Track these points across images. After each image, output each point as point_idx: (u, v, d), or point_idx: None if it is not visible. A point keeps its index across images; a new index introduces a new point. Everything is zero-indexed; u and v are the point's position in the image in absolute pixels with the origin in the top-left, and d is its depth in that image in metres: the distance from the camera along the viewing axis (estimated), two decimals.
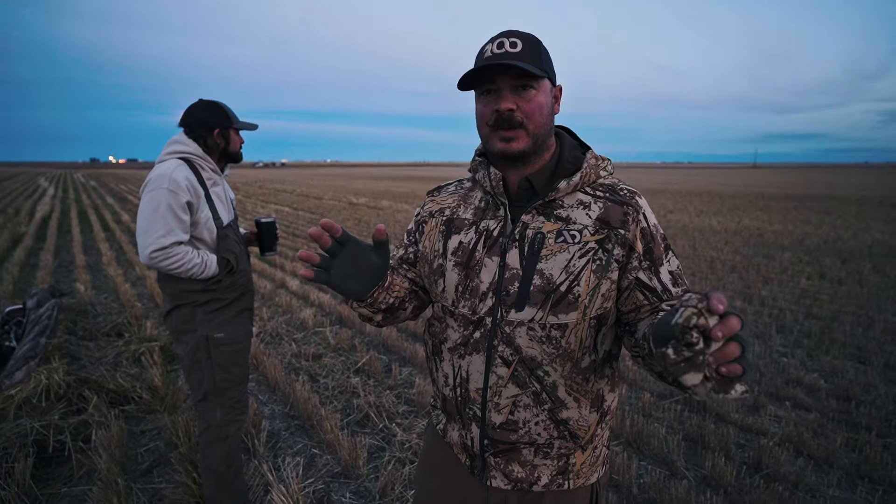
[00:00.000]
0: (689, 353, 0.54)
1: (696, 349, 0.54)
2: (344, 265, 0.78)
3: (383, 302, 0.89)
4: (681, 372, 0.56)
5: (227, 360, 1.74)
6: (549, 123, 0.84)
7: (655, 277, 0.83)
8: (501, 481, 0.90)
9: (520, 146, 0.81)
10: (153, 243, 1.54)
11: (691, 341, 0.54)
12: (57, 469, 2.25)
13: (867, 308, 4.83)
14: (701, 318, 0.53)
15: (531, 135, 0.82)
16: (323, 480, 2.21)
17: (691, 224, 11.24)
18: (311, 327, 4.15)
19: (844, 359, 3.59)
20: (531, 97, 0.81)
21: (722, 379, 0.55)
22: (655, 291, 0.82)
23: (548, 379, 0.84)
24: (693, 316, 0.53)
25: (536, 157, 0.86)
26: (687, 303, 0.55)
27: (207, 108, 1.71)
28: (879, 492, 2.14)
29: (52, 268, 6.32)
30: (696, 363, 0.55)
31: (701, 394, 0.56)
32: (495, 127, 0.82)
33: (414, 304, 0.99)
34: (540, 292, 0.82)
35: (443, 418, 0.98)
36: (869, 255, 7.53)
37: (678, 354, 0.55)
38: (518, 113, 0.80)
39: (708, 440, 2.49)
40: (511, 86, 0.80)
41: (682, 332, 0.54)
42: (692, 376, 0.55)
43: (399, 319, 0.98)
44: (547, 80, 0.83)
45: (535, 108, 0.81)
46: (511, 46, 0.79)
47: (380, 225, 0.79)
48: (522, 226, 0.85)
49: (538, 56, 0.81)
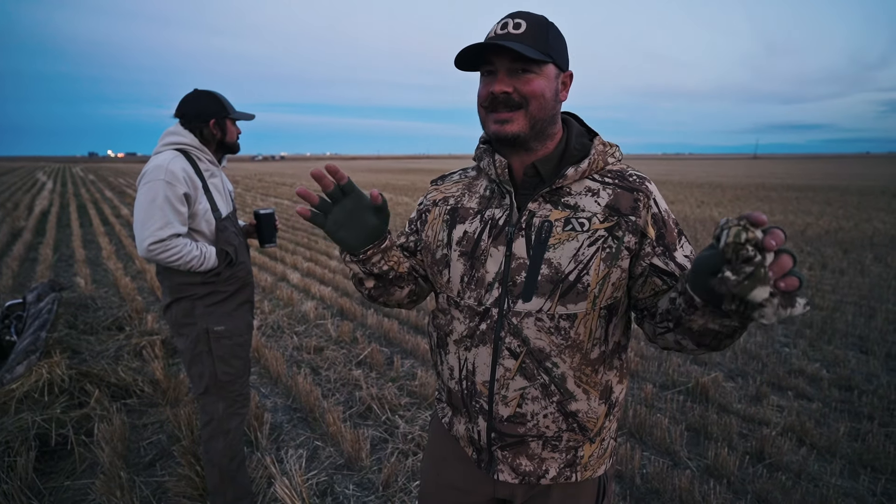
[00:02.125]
0: (749, 268, 0.53)
1: (755, 261, 0.53)
2: (343, 213, 0.79)
3: (377, 265, 0.86)
4: (748, 290, 0.53)
5: (228, 352, 1.72)
6: (551, 109, 0.81)
7: (672, 262, 0.80)
8: (509, 475, 0.89)
9: (514, 129, 0.79)
10: (151, 236, 1.52)
11: (748, 255, 0.53)
12: (59, 463, 2.25)
13: (869, 298, 4.82)
14: (749, 232, 0.52)
15: (529, 117, 0.79)
16: (326, 472, 2.21)
17: (692, 215, 11.20)
18: (313, 320, 4.14)
19: (846, 349, 3.58)
20: (529, 80, 0.78)
21: (783, 294, 0.53)
22: (674, 275, 0.80)
23: (556, 371, 0.82)
24: (741, 231, 0.52)
25: (537, 142, 0.83)
26: (726, 225, 0.54)
27: (203, 98, 1.68)
28: (882, 481, 2.14)
29: (52, 262, 6.31)
30: (759, 276, 0.53)
31: (769, 314, 0.54)
32: (489, 109, 0.81)
33: (411, 287, 0.96)
34: (548, 282, 0.80)
35: (448, 411, 0.97)
36: (870, 246, 7.50)
37: (738, 273, 0.53)
38: (515, 94, 0.78)
39: (710, 430, 2.49)
40: (508, 68, 0.78)
41: (735, 250, 0.53)
42: (761, 290, 0.53)
43: (392, 298, 0.95)
44: (551, 64, 0.80)
45: (533, 91, 0.78)
46: (514, 28, 0.77)
47: (373, 190, 0.78)
48: (529, 214, 0.82)
49: (543, 39, 0.78)
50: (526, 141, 0.81)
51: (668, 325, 0.74)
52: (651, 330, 0.80)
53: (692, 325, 0.68)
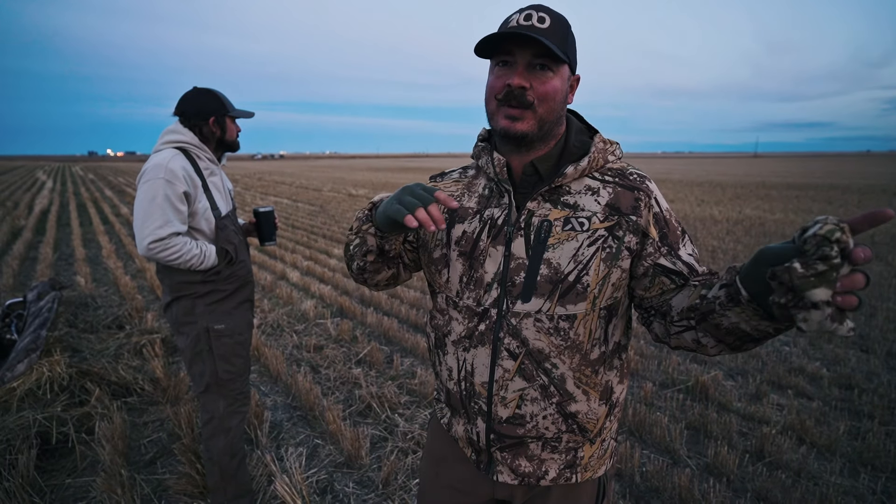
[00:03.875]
0: (823, 267, 0.51)
1: (832, 262, 0.51)
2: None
3: (389, 243, 0.87)
4: (810, 286, 0.51)
5: (228, 351, 1.73)
6: (559, 111, 0.80)
7: (679, 261, 0.80)
8: (508, 476, 0.88)
9: (524, 128, 0.77)
10: (151, 234, 1.52)
11: (829, 254, 0.51)
12: (61, 460, 2.25)
13: (869, 297, 4.81)
14: (844, 235, 0.50)
15: (538, 118, 0.78)
16: (326, 470, 2.21)
17: (692, 213, 11.19)
18: (312, 319, 4.14)
19: (847, 347, 3.58)
20: (547, 79, 0.76)
21: (838, 308, 0.52)
22: (682, 274, 0.79)
23: (556, 371, 0.81)
24: (836, 230, 0.50)
25: (541, 143, 0.82)
26: (822, 220, 0.52)
27: (202, 96, 1.67)
28: (882, 479, 2.14)
29: (52, 261, 6.31)
30: (828, 278, 0.51)
31: (814, 320, 0.52)
32: (503, 101, 0.77)
33: (393, 271, 0.96)
34: (547, 282, 0.79)
35: (447, 412, 0.96)
36: (871, 244, 7.49)
37: (809, 268, 0.51)
38: (530, 93, 0.76)
39: (710, 429, 2.49)
40: (528, 62, 0.76)
41: (819, 244, 0.51)
42: (822, 291, 0.51)
43: (378, 276, 0.95)
44: (567, 66, 0.78)
45: (548, 92, 0.76)
46: (539, 21, 0.75)
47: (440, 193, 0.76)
48: (528, 213, 0.82)
49: (564, 39, 0.77)
50: (532, 141, 0.80)
51: (690, 322, 0.71)
52: (663, 329, 0.79)
53: (722, 321, 0.66)
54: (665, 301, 0.79)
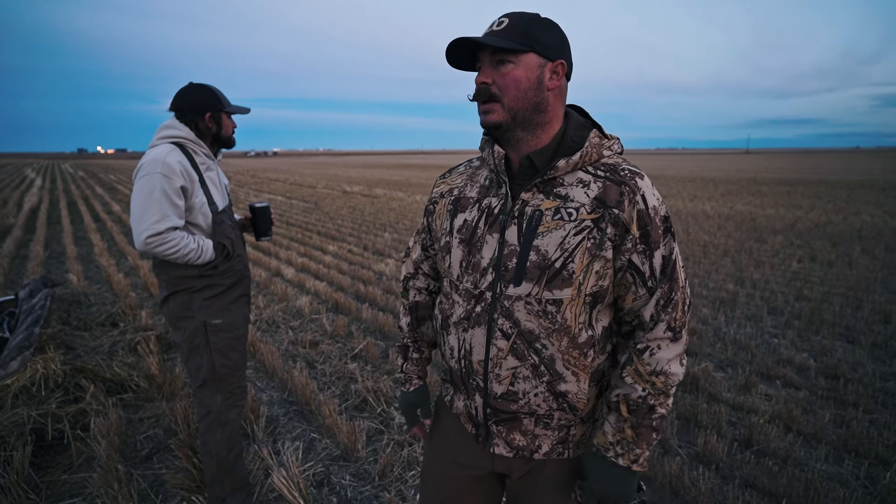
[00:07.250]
0: None
1: None
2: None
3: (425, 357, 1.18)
4: None
5: (225, 345, 1.74)
6: (532, 98, 0.83)
7: (648, 262, 0.84)
8: (504, 449, 0.94)
9: (494, 118, 0.84)
10: (148, 229, 1.52)
11: None
12: (56, 457, 2.25)
13: (856, 290, 4.91)
14: None
15: (507, 108, 0.84)
16: (323, 463, 2.24)
17: (685, 209, 11.30)
18: (308, 315, 4.15)
19: (833, 339, 3.66)
20: (507, 71, 0.83)
21: None
22: (644, 276, 0.84)
23: (546, 352, 0.85)
24: None
25: (525, 132, 0.86)
26: None
27: (198, 92, 1.68)
28: (865, 465, 2.21)
29: (43, 259, 6.25)
30: None
31: None
32: (474, 99, 0.87)
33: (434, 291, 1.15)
34: (536, 268, 0.83)
35: (450, 389, 1.04)
36: (858, 238, 7.62)
37: None
38: (493, 87, 0.84)
39: (700, 418, 2.54)
40: (489, 61, 0.84)
41: None
42: None
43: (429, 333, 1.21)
44: (532, 54, 0.82)
45: (509, 83, 0.83)
46: (497, 25, 0.83)
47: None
48: (522, 203, 0.86)
49: (524, 31, 0.81)
50: (510, 130, 0.85)
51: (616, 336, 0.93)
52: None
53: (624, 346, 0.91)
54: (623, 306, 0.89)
